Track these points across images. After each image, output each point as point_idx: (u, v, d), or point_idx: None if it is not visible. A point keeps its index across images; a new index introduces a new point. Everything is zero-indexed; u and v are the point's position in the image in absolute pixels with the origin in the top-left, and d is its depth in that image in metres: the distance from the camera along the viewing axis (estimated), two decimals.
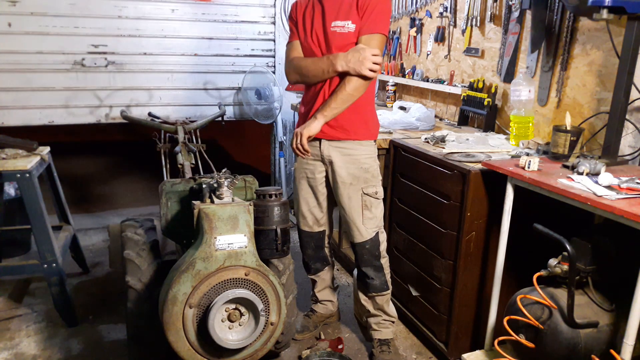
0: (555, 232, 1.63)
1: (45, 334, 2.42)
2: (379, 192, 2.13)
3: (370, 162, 2.11)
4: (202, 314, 1.60)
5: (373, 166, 2.12)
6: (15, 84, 3.26)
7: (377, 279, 2.17)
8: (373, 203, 2.12)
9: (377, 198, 2.13)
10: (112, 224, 2.33)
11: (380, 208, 2.16)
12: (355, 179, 2.09)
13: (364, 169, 2.09)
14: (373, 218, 2.13)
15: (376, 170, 2.14)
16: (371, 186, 2.11)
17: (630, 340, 1.48)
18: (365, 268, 2.17)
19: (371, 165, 2.11)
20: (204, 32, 3.62)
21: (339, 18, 1.99)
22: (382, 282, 2.18)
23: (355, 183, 2.09)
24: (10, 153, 2.38)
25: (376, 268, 2.17)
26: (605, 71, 2.09)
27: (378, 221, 2.15)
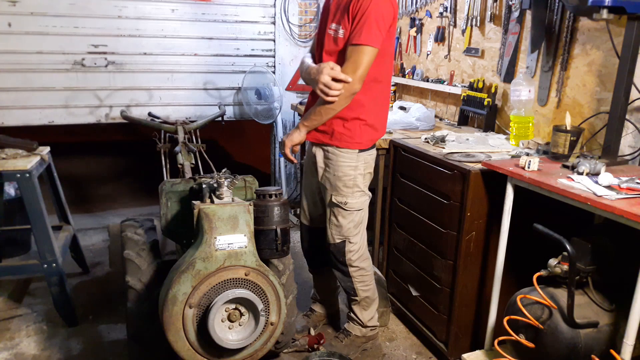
0: (555, 232, 1.63)
1: (45, 334, 2.41)
2: (349, 203, 2.07)
3: (346, 171, 2.05)
4: (202, 314, 1.60)
5: (348, 175, 2.05)
6: (15, 84, 3.26)
7: (343, 282, 2.24)
8: (340, 212, 2.10)
9: (344, 209, 2.08)
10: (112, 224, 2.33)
11: (350, 219, 2.10)
12: (328, 183, 2.10)
13: (337, 176, 2.06)
14: (339, 226, 2.12)
15: (352, 181, 2.06)
16: (341, 195, 2.07)
17: (630, 340, 1.48)
18: (334, 270, 2.24)
19: (346, 174, 2.05)
20: (204, 32, 3.62)
21: (334, 21, 1.97)
22: (348, 287, 2.23)
23: (328, 188, 2.10)
24: (10, 153, 2.38)
25: (343, 273, 2.21)
26: (605, 71, 2.09)
27: (344, 231, 2.11)
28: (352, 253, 2.16)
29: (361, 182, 2.09)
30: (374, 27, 1.83)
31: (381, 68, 1.99)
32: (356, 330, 2.31)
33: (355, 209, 2.10)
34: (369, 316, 2.31)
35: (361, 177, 2.09)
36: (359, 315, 2.29)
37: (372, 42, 1.84)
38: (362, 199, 2.12)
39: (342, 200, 2.08)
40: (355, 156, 2.05)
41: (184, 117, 3.34)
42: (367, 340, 2.34)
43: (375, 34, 1.84)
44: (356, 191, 2.08)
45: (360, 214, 2.13)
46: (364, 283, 2.23)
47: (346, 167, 2.05)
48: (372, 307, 2.31)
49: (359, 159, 2.06)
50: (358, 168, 2.06)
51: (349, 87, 1.87)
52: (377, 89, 2.03)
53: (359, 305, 2.27)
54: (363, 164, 2.07)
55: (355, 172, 2.06)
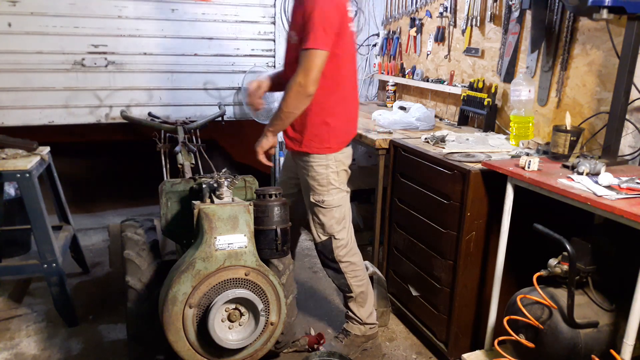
0: (555, 232, 1.63)
1: (45, 334, 2.42)
2: (326, 200, 2.12)
3: (320, 171, 2.09)
4: (202, 314, 1.60)
5: (322, 174, 2.09)
6: (15, 84, 3.26)
7: (336, 280, 2.25)
8: (320, 211, 2.14)
9: (322, 207, 2.13)
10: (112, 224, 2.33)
11: (330, 216, 2.14)
12: (305, 185, 2.15)
13: (312, 176, 2.11)
14: (321, 225, 2.16)
15: (326, 179, 2.10)
16: (317, 194, 2.12)
17: (630, 340, 1.48)
18: (325, 268, 2.27)
19: (319, 174, 2.09)
20: (204, 32, 3.62)
21: (290, 28, 2.02)
22: (342, 284, 2.24)
23: (306, 190, 2.16)
24: (10, 153, 2.38)
25: (335, 270, 2.22)
26: (605, 71, 2.09)
27: (327, 228, 2.15)
28: (340, 249, 2.19)
29: (335, 180, 2.13)
30: (320, 30, 1.85)
31: (340, 69, 2.01)
32: (355, 329, 2.31)
33: (334, 205, 2.14)
34: (366, 313, 2.30)
35: (334, 175, 2.12)
36: (357, 313, 2.29)
37: (319, 45, 1.85)
38: (338, 196, 2.15)
39: (320, 198, 2.13)
40: (325, 156, 2.10)
41: (184, 117, 3.34)
42: (367, 339, 2.34)
43: (321, 36, 1.85)
44: (331, 189, 2.12)
45: (340, 210, 2.16)
46: (357, 278, 2.24)
47: (317, 166, 2.10)
48: (368, 303, 2.31)
49: (328, 159, 2.10)
50: (330, 167, 2.11)
51: (303, 91, 1.90)
52: (340, 91, 2.06)
53: (355, 302, 2.28)
54: (334, 162, 2.11)
55: (327, 170, 2.11)
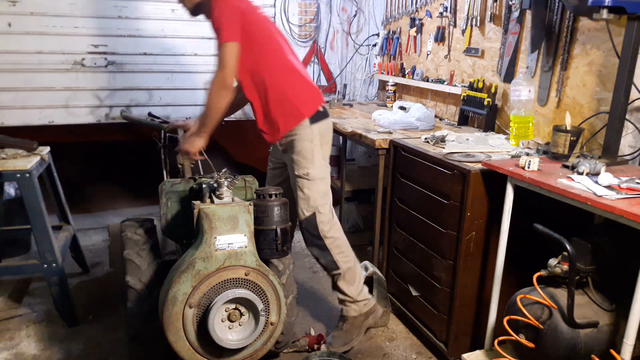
0: (555, 232, 1.63)
1: (45, 334, 2.41)
2: (310, 173, 2.17)
3: (303, 145, 2.16)
4: (202, 314, 1.60)
5: (306, 148, 2.16)
6: (15, 83, 3.26)
7: (322, 258, 2.24)
8: (305, 184, 2.18)
9: (307, 179, 2.17)
10: (112, 224, 2.33)
11: (315, 189, 2.18)
12: (291, 162, 2.20)
13: (297, 152, 2.17)
14: (306, 199, 2.19)
15: (310, 152, 2.16)
16: (302, 168, 2.17)
17: (630, 340, 1.48)
18: (310, 248, 2.26)
19: (303, 147, 2.16)
20: (204, 32, 3.61)
21: None
22: (328, 261, 2.23)
23: (291, 166, 2.21)
24: (10, 153, 2.38)
25: (320, 247, 2.23)
26: (605, 71, 2.09)
27: (312, 202, 2.19)
28: (324, 224, 2.21)
29: (319, 153, 2.19)
30: (224, 23, 1.99)
31: (260, 56, 2.12)
32: (351, 311, 2.30)
33: (318, 178, 2.19)
34: (356, 290, 2.29)
35: (318, 148, 2.18)
36: (347, 292, 2.28)
37: (226, 38, 1.99)
38: (322, 168, 2.21)
39: (305, 171, 2.17)
40: (309, 130, 2.15)
41: (184, 117, 3.35)
42: (365, 316, 2.32)
43: (226, 28, 1.99)
44: (316, 161, 2.18)
45: (324, 183, 2.22)
46: (343, 254, 2.25)
47: (302, 141, 2.16)
48: (357, 280, 2.30)
49: (313, 131, 2.16)
50: (314, 140, 2.17)
51: (221, 83, 2.04)
52: (279, 68, 2.15)
53: (344, 280, 2.26)
54: (318, 135, 2.18)
55: (312, 144, 2.17)
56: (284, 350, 2.22)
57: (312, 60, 4.01)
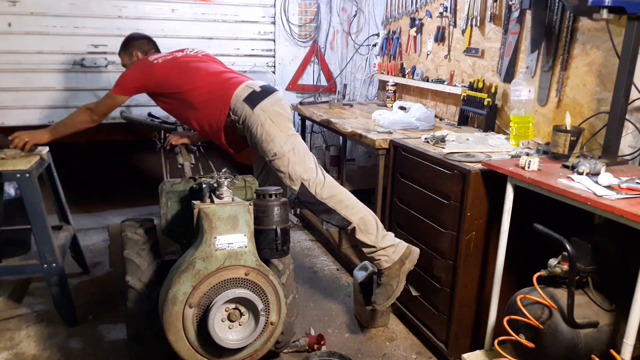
0: (555, 232, 1.63)
1: (45, 334, 2.41)
2: (277, 151, 2.23)
3: (256, 130, 2.24)
4: (202, 313, 1.60)
5: (258, 132, 2.23)
6: (15, 83, 3.26)
7: (332, 219, 2.26)
8: (278, 163, 2.25)
9: (278, 158, 2.24)
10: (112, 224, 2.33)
11: (286, 162, 2.23)
12: (261, 152, 2.29)
13: (257, 142, 2.26)
14: (287, 175, 2.25)
15: (266, 134, 2.22)
16: (267, 152, 2.25)
17: (630, 340, 1.48)
18: (319, 215, 2.30)
19: (257, 132, 2.24)
20: (203, 32, 3.62)
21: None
22: (338, 219, 2.25)
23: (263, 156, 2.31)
24: (10, 153, 2.38)
25: (326, 211, 2.26)
26: (605, 71, 2.09)
27: (294, 175, 2.24)
28: (318, 187, 2.24)
29: (274, 129, 2.23)
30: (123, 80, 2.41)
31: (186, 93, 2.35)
32: (382, 262, 2.22)
33: (286, 151, 2.23)
34: (378, 237, 2.23)
35: (271, 125, 2.23)
36: (368, 242, 2.22)
37: (114, 91, 2.41)
38: (285, 140, 2.24)
39: (271, 153, 2.24)
40: (254, 115, 2.23)
41: None
42: (400, 263, 2.21)
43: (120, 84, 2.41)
44: (274, 139, 2.23)
45: (293, 152, 2.24)
46: (350, 207, 2.25)
47: (254, 130, 2.25)
48: (374, 226, 2.24)
49: (258, 115, 2.23)
50: (265, 122, 2.23)
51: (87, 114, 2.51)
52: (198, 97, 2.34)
53: (361, 231, 2.23)
54: (264, 114, 2.24)
55: (264, 127, 2.23)
56: (284, 351, 2.22)
57: (312, 60, 4.01)
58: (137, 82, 2.40)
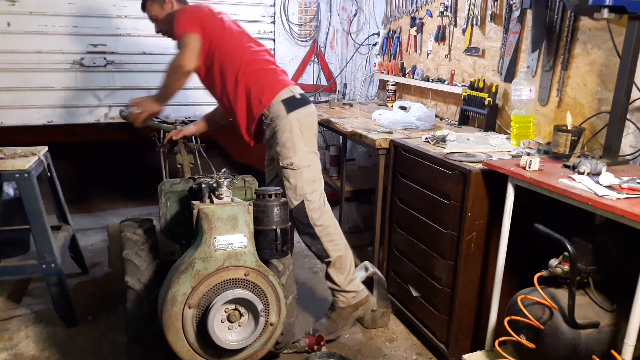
0: (556, 232, 1.63)
1: (44, 335, 2.41)
2: (294, 162, 2.20)
3: (283, 135, 2.20)
4: (201, 314, 1.59)
5: (286, 138, 2.19)
6: (14, 83, 3.26)
7: (313, 246, 2.27)
8: (289, 174, 2.21)
9: (292, 169, 2.21)
10: (111, 224, 2.32)
11: (300, 178, 2.21)
12: (276, 154, 2.25)
13: (279, 143, 2.22)
14: (292, 188, 2.22)
15: (291, 142, 2.19)
16: (285, 158, 2.21)
17: (631, 341, 1.47)
18: (302, 236, 2.29)
19: (283, 138, 2.20)
20: None
21: None
22: (319, 249, 2.26)
23: (277, 159, 2.26)
24: (9, 153, 2.37)
25: (310, 235, 2.25)
26: (606, 71, 2.09)
27: (299, 190, 2.22)
28: (314, 211, 2.23)
29: (300, 140, 2.21)
30: (182, 20, 2.21)
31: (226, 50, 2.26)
32: (339, 301, 2.32)
33: (302, 166, 2.21)
34: (346, 279, 2.30)
35: (299, 136, 2.21)
36: (336, 280, 2.29)
37: (184, 29, 2.20)
38: (306, 156, 2.23)
39: (288, 161, 2.21)
40: (287, 120, 2.19)
41: (183, 116, 3.33)
42: (354, 308, 2.33)
43: (184, 22, 2.21)
44: (298, 150, 2.20)
45: (309, 170, 2.23)
46: (334, 242, 2.26)
47: (282, 132, 2.20)
48: (347, 269, 2.31)
49: (291, 121, 2.19)
50: (293, 130, 2.19)
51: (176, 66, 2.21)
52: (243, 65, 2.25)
53: (334, 268, 2.28)
54: (297, 123, 2.20)
55: (292, 134, 2.20)
56: (284, 351, 2.21)
57: (312, 60, 4.00)
58: (200, 14, 2.26)
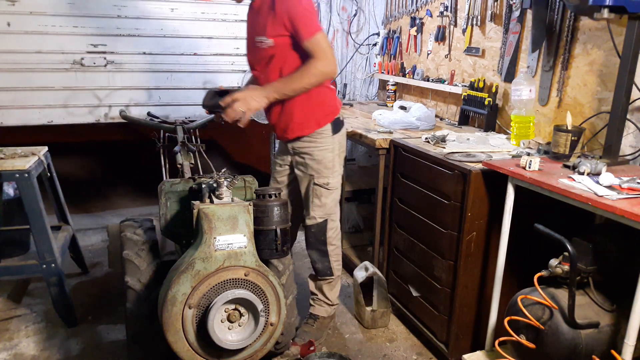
0: (556, 232, 1.63)
1: (45, 335, 2.41)
2: (330, 183, 2.22)
3: (324, 154, 2.20)
4: (201, 314, 1.59)
5: (327, 157, 2.20)
6: (14, 83, 3.25)
7: (320, 263, 2.31)
8: (323, 193, 2.23)
9: (327, 189, 2.23)
10: (111, 224, 2.32)
11: (331, 198, 2.25)
12: (309, 168, 2.22)
13: (317, 160, 2.20)
14: (322, 206, 2.25)
15: (330, 162, 2.21)
16: (322, 177, 2.21)
17: (631, 341, 1.47)
18: (310, 251, 2.33)
19: (324, 157, 2.20)
20: (203, 31, 3.61)
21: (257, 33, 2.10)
22: (325, 267, 2.32)
23: (309, 172, 2.23)
24: (9, 153, 2.37)
25: (321, 253, 2.31)
26: (606, 71, 2.08)
27: (327, 209, 2.26)
28: (332, 231, 2.29)
29: (338, 163, 2.26)
30: (309, 16, 2.00)
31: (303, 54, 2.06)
32: (322, 311, 2.41)
33: (335, 187, 2.26)
34: (335, 294, 2.42)
35: (338, 158, 2.26)
36: (328, 295, 2.39)
37: (317, 27, 2.00)
38: (338, 178, 2.28)
39: (325, 181, 2.22)
40: (331, 139, 2.20)
41: (183, 116, 3.34)
42: (331, 319, 2.46)
43: (314, 20, 2.02)
44: (335, 171, 2.25)
45: (338, 192, 2.30)
46: (338, 262, 2.36)
47: (322, 150, 2.20)
48: (338, 284, 2.43)
49: (334, 141, 2.22)
50: (334, 150, 2.23)
51: (328, 75, 2.04)
52: None
53: (330, 285, 2.37)
54: (338, 144, 2.25)
55: (333, 153, 2.22)
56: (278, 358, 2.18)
57: None
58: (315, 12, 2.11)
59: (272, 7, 2.02)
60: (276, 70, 2.12)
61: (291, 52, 2.07)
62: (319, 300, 2.41)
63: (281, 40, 2.04)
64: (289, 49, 2.06)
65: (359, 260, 2.84)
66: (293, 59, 2.08)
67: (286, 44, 2.05)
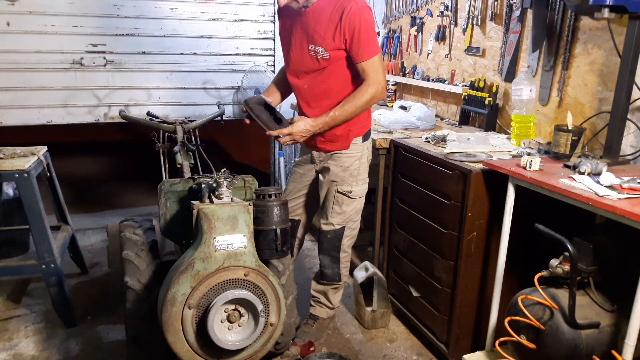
0: (556, 232, 1.62)
1: (44, 335, 2.41)
2: (354, 191, 2.19)
3: (351, 162, 2.17)
4: (201, 314, 1.58)
5: (353, 165, 2.17)
6: (14, 83, 3.25)
7: (330, 269, 2.31)
8: (345, 201, 2.20)
9: (350, 197, 2.20)
10: (110, 224, 2.32)
11: (352, 206, 2.22)
12: (333, 174, 2.19)
13: (343, 167, 2.17)
14: (341, 214, 2.22)
15: (357, 170, 2.18)
16: (346, 184, 2.18)
17: (631, 341, 1.47)
18: (322, 256, 2.31)
19: (351, 165, 2.17)
20: (203, 31, 3.61)
21: (310, 41, 2.01)
22: (335, 273, 2.31)
23: (332, 179, 2.19)
24: (8, 153, 2.37)
25: (333, 259, 2.29)
26: (606, 70, 2.08)
27: (346, 217, 2.23)
28: (348, 238, 2.28)
29: (364, 171, 2.23)
30: (371, 38, 1.97)
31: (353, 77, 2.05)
32: (323, 313, 2.42)
33: (358, 196, 2.23)
34: (338, 299, 2.43)
35: (364, 166, 2.22)
36: (331, 300, 2.40)
37: (377, 49, 1.99)
38: (363, 187, 2.24)
39: (348, 189, 2.19)
40: (361, 147, 2.18)
41: (183, 116, 3.33)
42: (330, 320, 2.47)
43: (375, 41, 1.99)
44: (359, 179, 2.21)
45: (361, 201, 2.26)
46: (346, 269, 2.37)
47: (350, 157, 2.17)
48: (342, 289, 2.44)
49: (363, 149, 2.19)
50: (362, 158, 2.20)
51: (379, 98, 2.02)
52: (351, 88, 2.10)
53: (334, 290, 2.38)
54: (367, 153, 2.22)
55: (360, 162, 2.19)
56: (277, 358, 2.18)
57: None
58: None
59: (337, 19, 1.93)
60: (323, 85, 2.06)
61: (342, 68, 2.02)
62: (320, 303, 2.42)
63: (336, 54, 1.98)
64: (341, 65, 2.01)
65: (359, 260, 2.84)
66: (341, 75, 2.03)
67: (340, 59, 2.00)
